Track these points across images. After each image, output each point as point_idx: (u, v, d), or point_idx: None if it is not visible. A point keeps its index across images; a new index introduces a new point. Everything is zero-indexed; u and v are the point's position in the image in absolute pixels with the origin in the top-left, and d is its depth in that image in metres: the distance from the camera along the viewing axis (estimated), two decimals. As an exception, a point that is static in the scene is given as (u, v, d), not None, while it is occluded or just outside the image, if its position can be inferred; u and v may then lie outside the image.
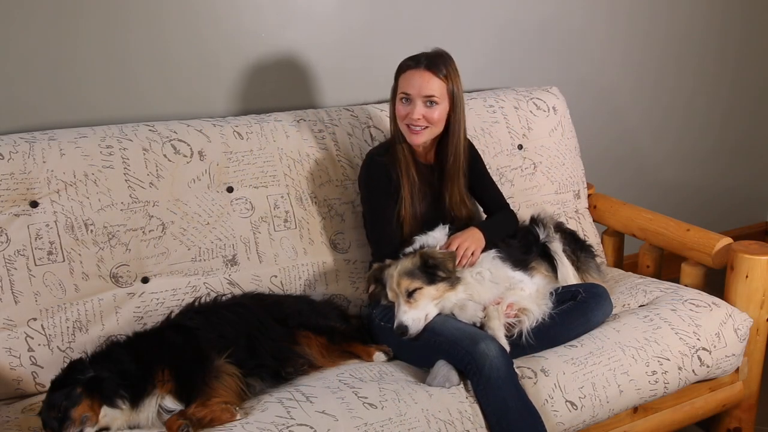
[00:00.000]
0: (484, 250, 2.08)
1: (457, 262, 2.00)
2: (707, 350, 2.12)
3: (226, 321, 1.93)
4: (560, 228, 2.39)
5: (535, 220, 2.37)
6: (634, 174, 3.45)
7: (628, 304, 2.29)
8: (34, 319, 1.95)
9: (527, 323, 1.97)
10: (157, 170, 2.12)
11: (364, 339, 2.09)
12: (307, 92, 2.57)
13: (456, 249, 2.03)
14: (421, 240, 2.07)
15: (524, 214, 2.48)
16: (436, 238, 2.08)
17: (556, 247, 2.27)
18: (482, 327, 1.93)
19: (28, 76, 2.14)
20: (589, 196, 2.83)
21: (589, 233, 2.73)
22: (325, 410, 1.71)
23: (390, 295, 1.99)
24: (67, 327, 1.98)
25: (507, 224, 2.28)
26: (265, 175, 2.26)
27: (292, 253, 2.26)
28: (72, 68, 2.19)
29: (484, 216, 2.37)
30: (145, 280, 2.09)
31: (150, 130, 2.16)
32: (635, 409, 2.08)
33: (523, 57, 3.00)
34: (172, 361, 1.77)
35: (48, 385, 1.74)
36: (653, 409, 2.13)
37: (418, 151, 2.19)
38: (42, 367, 1.94)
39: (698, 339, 2.11)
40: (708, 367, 2.13)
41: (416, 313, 1.93)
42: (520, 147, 2.66)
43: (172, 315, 1.99)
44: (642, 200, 3.05)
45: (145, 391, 1.72)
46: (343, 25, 2.59)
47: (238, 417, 1.68)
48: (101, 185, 2.04)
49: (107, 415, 1.68)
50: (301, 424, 1.66)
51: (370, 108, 2.51)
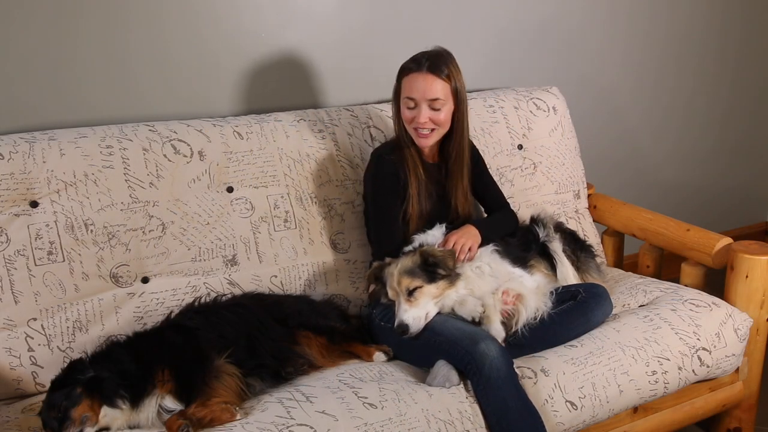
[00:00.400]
0: (481, 246, 2.09)
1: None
2: (707, 350, 2.12)
3: (226, 321, 1.93)
4: (560, 228, 2.39)
5: (535, 220, 2.37)
6: (634, 174, 3.45)
7: (628, 304, 2.29)
8: (34, 319, 1.95)
9: (524, 313, 1.96)
10: (157, 170, 2.12)
11: (364, 339, 2.09)
12: (307, 92, 2.57)
13: (453, 246, 2.03)
14: (419, 239, 2.07)
15: (524, 214, 2.48)
16: (435, 236, 2.08)
17: (556, 246, 2.28)
18: (480, 322, 1.93)
19: (28, 76, 2.14)
20: (589, 196, 2.83)
21: (589, 233, 2.73)
22: (325, 410, 1.71)
23: (390, 293, 1.99)
24: (67, 327, 1.98)
25: (505, 223, 2.28)
26: (265, 175, 2.26)
27: (292, 253, 2.27)
28: (72, 68, 2.19)
29: (485, 216, 2.37)
30: (145, 280, 2.09)
31: (150, 130, 2.16)
32: (635, 409, 2.08)
33: (523, 57, 3.00)
34: (172, 361, 1.77)
35: (48, 385, 1.74)
36: (653, 409, 2.13)
37: (425, 151, 2.19)
38: (42, 367, 1.94)
39: (698, 339, 2.11)
40: (708, 367, 2.13)
41: (417, 312, 1.93)
42: (520, 147, 2.66)
43: (172, 315, 1.98)
44: (642, 200, 3.05)
45: (145, 391, 1.72)
46: (343, 25, 2.59)
47: (238, 417, 1.68)
48: (101, 185, 2.04)
49: (107, 415, 1.68)
50: (301, 424, 1.66)
51: (370, 108, 2.51)
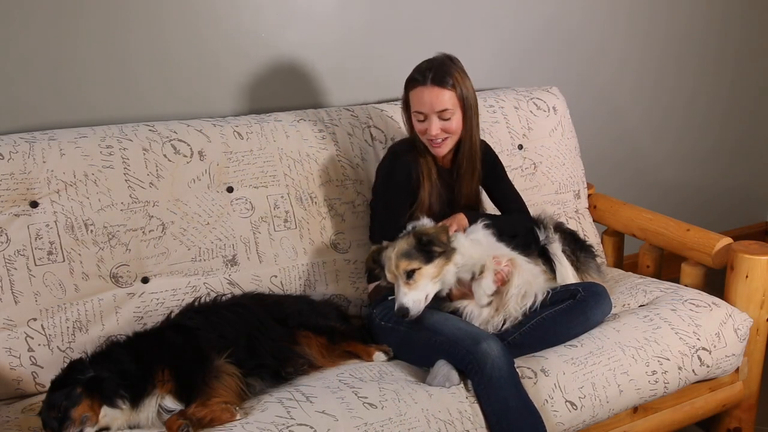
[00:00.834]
0: None
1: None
2: (707, 350, 2.12)
3: (226, 321, 1.92)
4: (560, 228, 2.39)
5: (535, 221, 2.37)
6: (634, 174, 3.45)
7: (628, 304, 2.29)
8: (34, 319, 1.95)
9: (516, 280, 1.96)
10: (157, 170, 2.12)
11: (364, 339, 2.09)
12: (307, 92, 2.57)
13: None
14: (412, 224, 2.07)
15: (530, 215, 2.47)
16: (425, 224, 2.08)
17: (555, 247, 2.27)
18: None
19: (28, 76, 2.14)
20: (589, 196, 2.83)
21: (589, 233, 2.73)
22: (325, 410, 1.71)
23: (389, 277, 1.97)
24: (67, 327, 1.98)
25: (508, 222, 2.27)
26: (265, 175, 2.26)
27: (292, 253, 2.27)
28: (72, 68, 2.20)
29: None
30: (145, 280, 2.09)
31: (150, 130, 2.16)
32: (635, 409, 2.08)
33: (523, 57, 3.00)
34: (172, 361, 1.77)
35: (48, 385, 1.73)
36: (653, 409, 2.13)
37: (438, 157, 2.19)
38: (42, 367, 1.94)
39: (698, 339, 2.11)
40: (708, 367, 2.13)
41: (416, 294, 1.92)
42: (520, 147, 2.66)
43: (172, 315, 1.98)
44: (642, 200, 3.05)
45: (145, 391, 1.72)
46: (343, 25, 2.59)
47: (238, 417, 1.68)
48: (101, 185, 2.04)
49: (107, 415, 1.68)
50: (301, 424, 1.66)
51: (370, 108, 2.51)
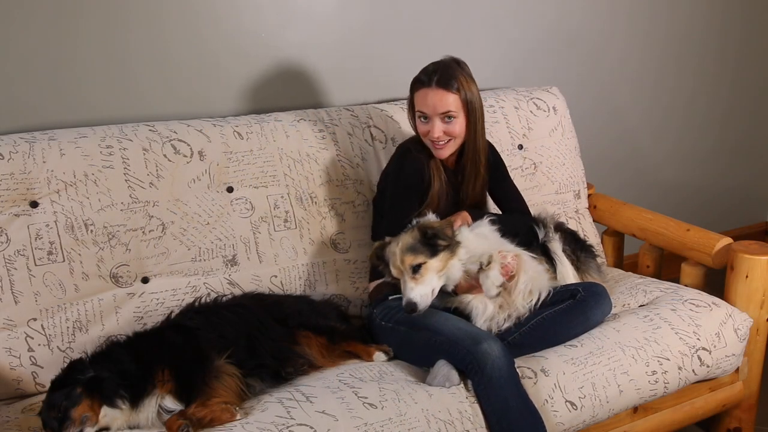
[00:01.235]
0: None
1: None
2: (707, 350, 2.12)
3: (226, 321, 1.92)
4: (560, 228, 2.38)
5: (535, 220, 2.36)
6: (634, 174, 3.45)
7: (628, 304, 2.29)
8: (34, 319, 1.95)
9: (523, 277, 1.96)
10: (157, 170, 2.12)
11: (364, 339, 2.09)
12: (307, 92, 2.57)
13: None
14: (416, 220, 2.07)
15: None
16: (429, 218, 2.08)
17: (556, 247, 2.27)
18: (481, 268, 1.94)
19: (28, 76, 2.14)
20: (589, 196, 2.83)
21: (589, 233, 2.73)
22: (325, 410, 1.71)
23: (394, 272, 1.96)
24: (67, 327, 1.98)
25: (509, 222, 2.27)
26: (265, 175, 2.26)
27: (292, 253, 2.27)
28: (72, 68, 2.19)
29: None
30: (145, 280, 2.09)
31: (150, 130, 2.16)
32: (635, 409, 2.08)
33: (524, 57, 3.00)
34: (172, 361, 1.77)
35: (48, 385, 1.73)
36: (653, 409, 2.13)
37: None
38: (42, 367, 1.94)
39: (698, 339, 2.11)
40: (708, 367, 2.13)
41: (423, 289, 1.90)
42: (521, 147, 2.66)
43: (172, 315, 1.98)
44: (642, 200, 3.05)
45: (145, 391, 1.72)
46: (343, 25, 2.59)
47: (238, 417, 1.68)
48: (101, 185, 2.04)
49: (107, 415, 1.68)
50: (301, 424, 1.66)
51: (371, 108, 2.50)
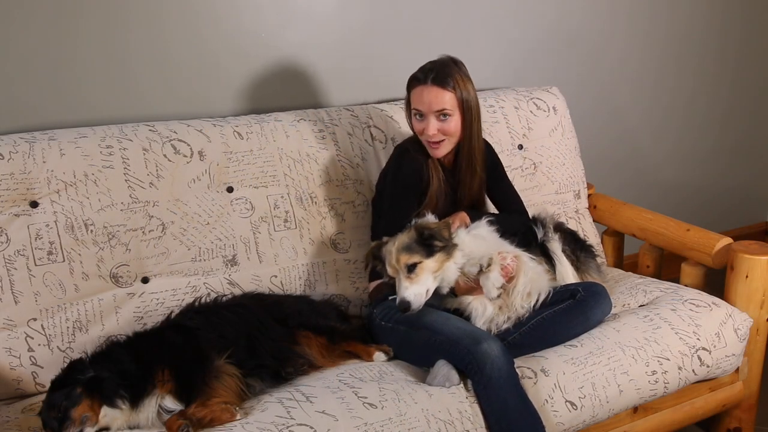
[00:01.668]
0: None
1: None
2: (707, 350, 2.12)
3: (226, 321, 1.92)
4: (560, 228, 2.38)
5: (535, 220, 2.37)
6: (634, 174, 3.45)
7: (628, 304, 2.29)
8: (34, 319, 1.95)
9: (522, 278, 1.97)
10: (157, 170, 2.12)
11: (364, 339, 2.09)
12: (307, 92, 2.57)
13: None
14: (414, 220, 2.07)
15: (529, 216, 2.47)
16: (427, 219, 2.08)
17: (555, 247, 2.27)
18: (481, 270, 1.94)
19: (28, 76, 2.14)
20: (589, 196, 2.83)
21: (589, 233, 2.73)
22: (325, 410, 1.71)
23: (390, 271, 1.97)
24: (67, 327, 1.98)
25: (508, 222, 2.27)
26: (265, 175, 2.26)
27: (292, 253, 2.27)
28: (72, 68, 2.20)
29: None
30: (145, 280, 2.09)
31: (150, 130, 2.16)
32: (635, 409, 2.08)
33: (524, 57, 3.00)
34: (172, 361, 1.77)
35: (48, 385, 1.73)
36: (653, 409, 2.13)
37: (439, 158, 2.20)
38: (42, 367, 1.94)
39: (698, 339, 2.11)
40: (708, 367, 2.13)
41: (418, 288, 1.91)
42: (521, 147, 2.66)
43: (172, 315, 1.98)
44: (642, 200, 3.05)
45: (145, 391, 1.72)
46: (343, 25, 2.59)
47: (238, 417, 1.68)
48: (101, 185, 2.04)
49: (107, 415, 1.68)
50: (301, 424, 1.66)
51: (370, 108, 2.50)
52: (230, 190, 2.22)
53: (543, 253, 2.27)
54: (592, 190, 2.86)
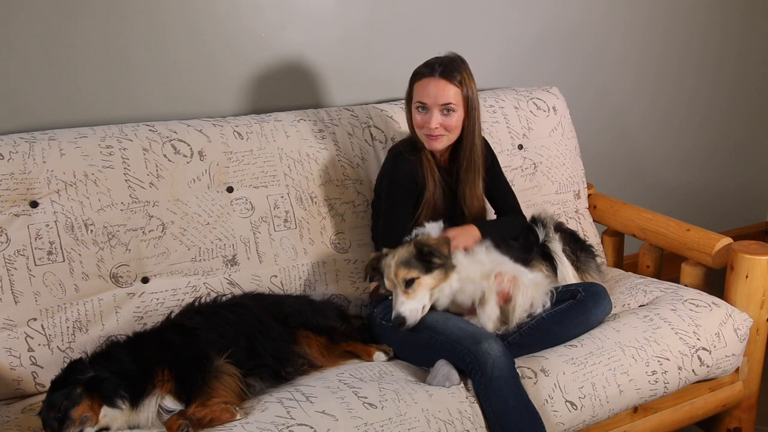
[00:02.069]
0: None
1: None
2: (707, 350, 2.12)
3: (226, 321, 1.92)
4: (560, 228, 2.39)
5: (535, 220, 2.37)
6: (634, 174, 3.45)
7: (628, 304, 2.29)
8: (34, 319, 1.95)
9: (520, 299, 1.97)
10: (157, 170, 2.12)
11: (364, 339, 2.09)
12: (307, 92, 2.57)
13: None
14: (417, 231, 2.07)
15: (524, 214, 2.47)
16: (432, 228, 2.08)
17: (556, 247, 2.27)
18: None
19: (28, 76, 2.14)
20: (589, 196, 2.83)
21: (589, 233, 2.73)
22: (325, 410, 1.71)
23: (387, 284, 1.98)
24: (67, 327, 1.98)
25: (510, 226, 2.27)
26: (265, 175, 2.26)
27: (292, 253, 2.27)
28: (72, 68, 2.19)
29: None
30: (145, 280, 2.09)
31: (150, 130, 2.16)
32: (635, 409, 2.08)
33: (524, 57, 3.00)
34: (172, 361, 1.77)
35: (48, 385, 1.73)
36: (653, 409, 2.13)
37: (437, 156, 2.19)
38: (42, 367, 1.94)
39: (698, 339, 2.11)
40: (708, 367, 2.13)
41: (414, 304, 1.92)
42: (521, 147, 2.66)
43: (172, 315, 1.98)
44: (642, 200, 3.05)
45: (145, 391, 1.72)
46: (343, 25, 2.59)
47: (238, 417, 1.68)
48: (101, 185, 2.04)
49: (107, 415, 1.68)
50: (301, 424, 1.66)
51: (370, 108, 2.51)
52: (230, 190, 2.22)
53: (543, 253, 2.27)
54: (592, 190, 2.86)
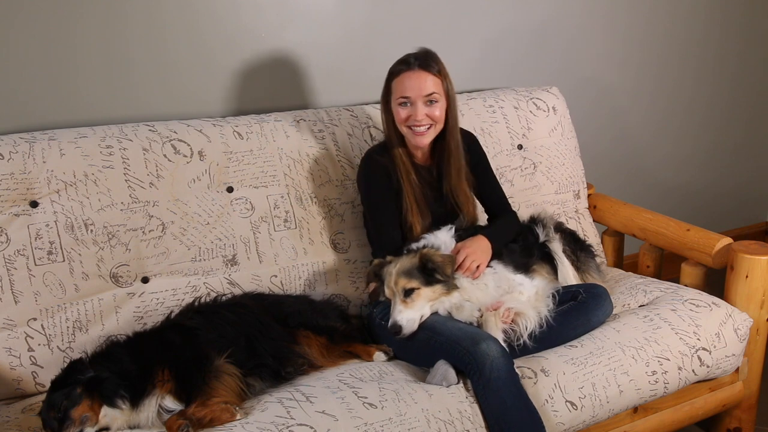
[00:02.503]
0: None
1: (459, 270, 2.00)
2: (707, 350, 2.12)
3: (226, 321, 1.93)
4: (560, 228, 2.39)
5: (535, 220, 2.37)
6: (634, 174, 3.45)
7: (628, 304, 2.29)
8: (34, 319, 1.95)
9: (524, 325, 1.96)
10: (157, 170, 2.12)
11: (364, 339, 2.09)
12: (307, 92, 2.57)
13: (463, 261, 2.01)
14: (427, 239, 2.07)
15: (524, 214, 2.47)
16: (443, 239, 2.07)
17: (556, 247, 2.28)
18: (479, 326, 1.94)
19: (28, 76, 2.14)
20: (589, 196, 2.83)
21: (589, 233, 2.73)
22: (325, 410, 1.71)
23: (387, 292, 1.99)
24: (67, 327, 1.98)
25: (511, 230, 2.27)
26: (265, 175, 2.26)
27: (292, 253, 2.27)
28: (72, 68, 2.19)
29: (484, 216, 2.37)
30: (145, 280, 2.09)
31: (150, 130, 2.16)
32: (635, 409, 2.08)
33: (524, 57, 2.99)
34: (172, 361, 1.77)
35: (48, 385, 1.74)
36: (653, 409, 2.13)
37: (416, 155, 2.19)
38: (42, 367, 1.94)
39: (698, 339, 2.11)
40: (708, 367, 2.13)
41: (411, 314, 1.93)
42: (520, 147, 2.66)
43: (172, 315, 1.99)
44: (642, 200, 3.05)
45: (145, 391, 1.72)
46: (342, 25, 2.59)
47: (238, 417, 1.68)
48: (101, 185, 2.04)
49: (107, 415, 1.68)
50: (301, 424, 1.66)
51: (370, 108, 2.51)
52: (230, 190, 2.22)
53: (543, 253, 2.27)
54: (592, 190, 2.86)
